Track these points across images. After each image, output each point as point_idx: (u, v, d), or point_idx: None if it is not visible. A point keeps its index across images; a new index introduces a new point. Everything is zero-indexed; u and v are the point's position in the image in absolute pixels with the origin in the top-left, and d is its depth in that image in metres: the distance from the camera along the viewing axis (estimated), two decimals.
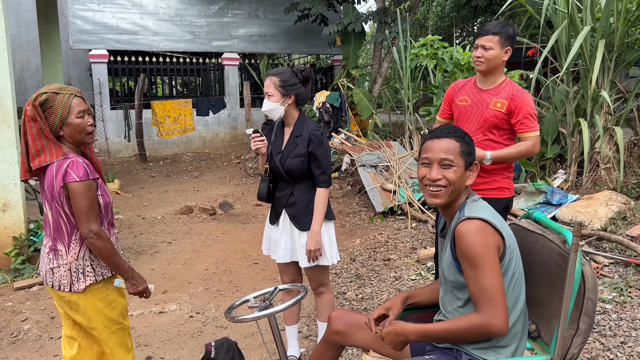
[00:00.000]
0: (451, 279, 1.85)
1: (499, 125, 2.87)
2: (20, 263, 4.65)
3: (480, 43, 2.87)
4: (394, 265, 4.71)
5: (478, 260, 1.70)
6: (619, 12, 5.80)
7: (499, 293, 1.70)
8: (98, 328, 2.23)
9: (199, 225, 6.44)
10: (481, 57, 2.87)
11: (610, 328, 3.24)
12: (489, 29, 2.85)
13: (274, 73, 2.74)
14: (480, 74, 2.99)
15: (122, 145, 12.22)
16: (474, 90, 3.00)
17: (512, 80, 3.00)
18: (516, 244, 1.86)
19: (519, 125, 2.84)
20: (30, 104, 2.08)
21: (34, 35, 11.99)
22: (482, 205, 1.84)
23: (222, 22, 13.36)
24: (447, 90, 3.17)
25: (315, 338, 3.39)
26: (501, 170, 2.92)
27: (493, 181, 2.91)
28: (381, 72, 11.97)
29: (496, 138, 2.90)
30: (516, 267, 1.81)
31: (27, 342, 3.52)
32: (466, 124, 2.95)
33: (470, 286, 1.74)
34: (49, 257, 2.18)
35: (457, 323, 1.77)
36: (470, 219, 1.76)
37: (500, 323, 1.70)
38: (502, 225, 1.79)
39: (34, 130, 2.07)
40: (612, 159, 6.01)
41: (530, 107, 2.84)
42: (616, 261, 4.22)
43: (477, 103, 2.95)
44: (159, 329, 3.65)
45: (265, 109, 2.74)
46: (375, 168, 7.15)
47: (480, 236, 1.72)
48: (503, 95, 2.88)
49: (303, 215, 2.78)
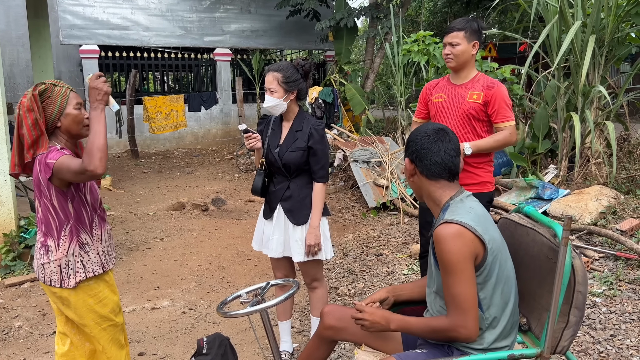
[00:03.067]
0: (437, 281, 1.87)
1: (477, 116, 2.93)
2: (11, 260, 4.61)
3: (447, 40, 2.94)
4: (386, 260, 4.72)
5: (451, 267, 1.71)
6: (610, 8, 5.83)
7: (468, 301, 1.71)
8: (89, 325, 2.22)
9: (192, 221, 6.42)
10: (450, 53, 2.94)
11: (600, 321, 3.27)
12: (454, 26, 2.93)
13: (276, 69, 2.71)
14: (453, 71, 3.05)
15: (113, 142, 12.12)
16: (448, 87, 3.06)
17: (484, 74, 3.07)
18: (504, 246, 1.84)
19: (495, 115, 2.91)
20: (29, 95, 2.07)
21: (24, 31, 11.85)
22: (466, 207, 1.81)
23: (214, 17, 13.28)
24: (422, 91, 3.23)
25: (308, 333, 3.39)
26: (482, 165, 2.98)
27: (475, 176, 2.96)
28: (373, 68, 11.97)
29: (475, 131, 2.96)
30: (502, 269, 1.79)
31: (18, 339, 3.50)
32: (445, 119, 3.00)
33: (444, 290, 1.77)
34: (40, 252, 2.18)
35: (429, 322, 1.81)
36: (448, 222, 1.74)
37: (467, 331, 1.73)
38: (485, 229, 1.76)
39: (29, 120, 2.05)
40: (603, 154, 6.05)
41: (505, 96, 2.91)
42: (606, 255, 4.26)
43: (453, 98, 3.00)
44: (151, 325, 3.64)
45: (268, 105, 2.73)
46: (367, 164, 7.16)
47: (456, 242, 1.71)
48: (478, 87, 2.94)
49: (298, 209, 2.78)
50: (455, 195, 1.86)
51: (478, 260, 1.74)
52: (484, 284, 1.77)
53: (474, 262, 1.73)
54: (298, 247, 2.79)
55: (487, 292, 1.77)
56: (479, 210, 1.82)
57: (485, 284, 1.77)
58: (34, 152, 2.08)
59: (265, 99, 2.74)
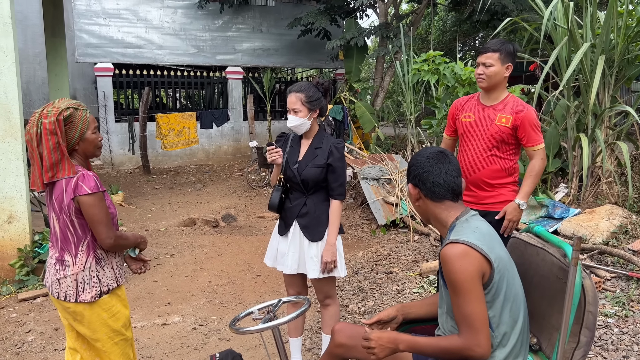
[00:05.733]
0: (445, 299, 1.88)
1: (504, 140, 2.93)
2: (25, 274, 4.67)
3: (482, 60, 2.94)
4: (396, 278, 4.72)
5: (459, 287, 1.73)
6: (619, 28, 5.87)
7: (479, 320, 1.72)
8: (102, 339, 2.25)
9: (202, 237, 6.46)
10: (482, 74, 2.94)
11: (612, 342, 3.25)
12: (489, 47, 2.93)
13: (298, 89, 2.79)
14: (483, 91, 3.05)
15: (126, 158, 12.29)
16: (477, 107, 3.05)
17: (515, 95, 3.06)
18: (511, 264, 1.85)
19: (526, 140, 2.92)
20: (52, 118, 2.11)
21: (41, 49, 12.14)
22: (471, 227, 1.82)
23: (226, 36, 13.50)
24: (451, 108, 3.24)
25: (318, 351, 3.40)
26: (507, 184, 2.99)
27: (499, 195, 2.97)
28: (383, 86, 12.06)
29: (501, 154, 2.96)
30: (510, 288, 1.80)
31: (30, 353, 3.53)
32: (472, 140, 3.01)
33: (454, 310, 1.78)
34: (55, 267, 2.21)
35: (440, 342, 1.82)
36: (454, 242, 1.76)
37: (481, 350, 1.73)
38: (491, 248, 1.78)
39: (51, 143, 2.11)
40: (614, 173, 6.03)
41: (534, 119, 2.92)
42: (618, 275, 4.23)
43: (482, 119, 3.00)
44: (162, 340, 3.66)
45: (293, 124, 2.79)
46: (377, 181, 7.19)
47: (462, 262, 1.72)
48: (507, 111, 2.94)
49: (314, 226, 2.82)
50: (461, 216, 1.89)
51: (485, 279, 1.76)
52: (492, 302, 1.78)
53: (482, 281, 1.75)
54: (313, 263, 2.81)
55: (495, 310, 1.78)
56: (484, 229, 1.84)
57: (494, 302, 1.78)
58: (54, 174, 2.12)
59: (289, 119, 2.81)
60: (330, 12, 12.37)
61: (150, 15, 12.67)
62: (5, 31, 4.66)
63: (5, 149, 4.70)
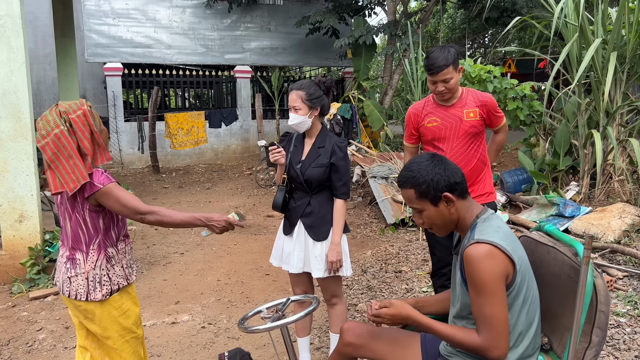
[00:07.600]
0: (462, 300, 1.86)
1: (476, 133, 2.99)
2: (36, 273, 4.71)
3: (440, 79, 2.87)
4: (405, 277, 4.70)
5: (484, 288, 1.70)
6: (631, 25, 5.80)
7: (500, 323, 1.70)
8: (113, 337, 2.26)
9: (211, 236, 6.47)
10: (444, 89, 2.91)
11: (624, 342, 3.21)
12: (439, 64, 2.83)
13: (299, 87, 2.78)
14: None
15: (135, 157, 12.36)
16: (439, 109, 3.03)
17: (467, 87, 3.11)
18: (529, 266, 1.83)
19: (494, 123, 3.06)
20: (79, 111, 2.14)
21: (51, 49, 12.22)
22: (493, 226, 1.80)
23: (235, 35, 13.53)
24: (409, 116, 3.16)
25: (327, 350, 3.39)
26: (484, 176, 3.06)
27: (484, 186, 3.05)
28: (392, 84, 12.03)
29: (475, 146, 3.02)
30: (529, 290, 1.79)
31: (41, 351, 3.56)
32: (446, 142, 3.00)
33: (474, 309, 1.75)
34: (66, 266, 2.22)
35: (458, 333, 1.80)
36: (479, 242, 1.74)
37: (500, 352, 1.72)
38: (514, 249, 1.76)
39: (87, 133, 2.15)
40: (626, 171, 5.97)
41: (495, 103, 3.05)
42: (630, 274, 4.18)
43: (449, 120, 2.99)
44: (171, 339, 3.68)
45: (293, 122, 2.78)
46: (386, 179, 7.17)
47: (488, 263, 1.70)
48: (471, 105, 2.98)
49: (319, 225, 2.81)
50: (481, 213, 1.87)
51: (508, 281, 1.74)
52: (511, 304, 1.76)
53: (505, 282, 1.73)
54: (318, 263, 2.81)
55: (513, 312, 1.77)
56: (506, 230, 1.83)
57: (513, 305, 1.76)
58: (94, 165, 2.17)
59: (289, 117, 2.80)
60: (339, 10, 12.36)
61: (159, 15, 12.73)
62: (15, 31, 4.70)
63: (16, 148, 4.74)
